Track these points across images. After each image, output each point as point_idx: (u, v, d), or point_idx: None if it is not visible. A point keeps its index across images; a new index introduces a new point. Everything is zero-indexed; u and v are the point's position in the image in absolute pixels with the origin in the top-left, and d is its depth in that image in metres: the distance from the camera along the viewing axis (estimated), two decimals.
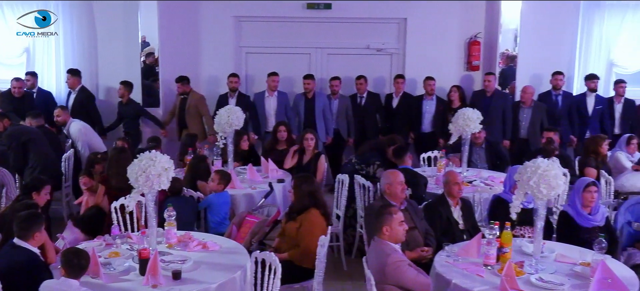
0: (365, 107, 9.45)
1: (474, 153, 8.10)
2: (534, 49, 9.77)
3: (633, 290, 4.18)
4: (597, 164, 7.60)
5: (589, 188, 5.41)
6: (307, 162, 7.59)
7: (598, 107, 9.15)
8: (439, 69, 9.83)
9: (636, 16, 9.81)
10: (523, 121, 9.01)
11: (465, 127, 6.99)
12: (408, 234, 5.13)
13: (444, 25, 9.93)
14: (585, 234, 5.38)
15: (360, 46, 10.15)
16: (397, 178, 5.25)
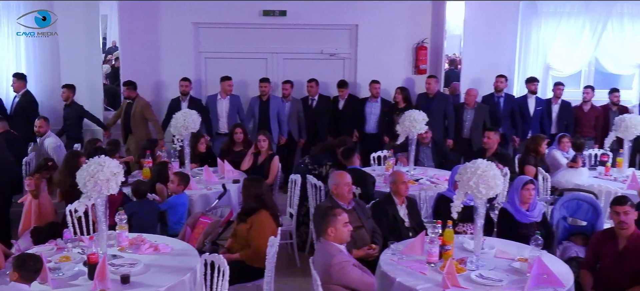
0: (317, 109, 9.38)
1: (421, 153, 8.09)
2: (477, 52, 9.82)
3: (567, 284, 4.15)
4: (536, 162, 7.64)
5: (526, 186, 5.41)
6: (261, 163, 7.47)
7: (538, 108, 9.24)
8: (388, 72, 9.85)
9: (570, 22, 9.93)
10: (466, 121, 9.04)
11: (412, 128, 6.95)
12: (355, 233, 5.06)
13: (393, 31, 9.90)
14: (523, 229, 5.38)
15: (314, 51, 10.06)
16: (343, 180, 5.16)
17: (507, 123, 9.18)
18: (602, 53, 10.11)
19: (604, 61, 10.19)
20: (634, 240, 4.50)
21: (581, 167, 7.35)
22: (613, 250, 4.57)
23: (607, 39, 9.97)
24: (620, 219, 4.50)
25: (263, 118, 9.02)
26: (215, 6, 9.63)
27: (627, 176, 7.17)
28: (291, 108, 9.24)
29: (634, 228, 4.53)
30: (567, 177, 7.27)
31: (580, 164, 7.36)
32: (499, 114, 9.16)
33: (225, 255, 5.09)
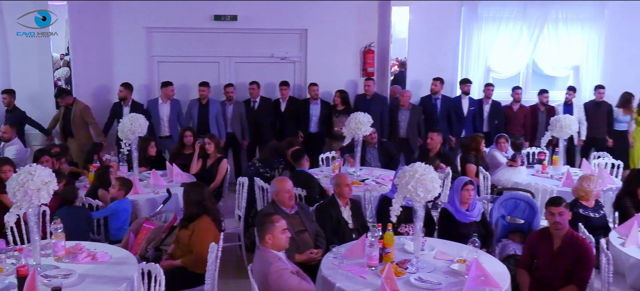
0: (259, 111, 9.06)
1: (368, 153, 7.88)
2: (422, 55, 9.67)
3: (504, 285, 3.95)
4: (476, 161, 7.50)
5: (466, 186, 5.24)
6: (209, 166, 7.12)
7: (471, 108, 9.16)
8: (337, 75, 9.61)
9: (509, 26, 9.83)
10: (402, 122, 8.91)
11: (357, 130, 6.71)
12: (298, 237, 4.80)
13: (341, 35, 9.62)
14: (463, 229, 5.21)
15: (265, 55, 9.71)
16: (284, 187, 4.86)
17: (443, 123, 9.04)
18: (539, 55, 10.04)
19: (541, 63, 10.12)
20: (567, 239, 4.34)
21: (520, 166, 7.23)
22: (548, 250, 4.40)
23: (543, 42, 9.91)
24: (555, 220, 4.34)
25: (202, 121, 8.68)
26: (167, 11, 9.20)
27: (562, 174, 7.06)
28: (234, 110, 8.92)
29: (567, 228, 4.37)
30: (506, 176, 7.14)
31: (519, 163, 7.24)
32: (437, 115, 9.06)
33: (168, 261, 4.79)
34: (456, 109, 9.16)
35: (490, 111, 9.20)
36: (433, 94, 9.13)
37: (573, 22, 9.89)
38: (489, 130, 9.09)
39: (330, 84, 9.38)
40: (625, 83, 9.60)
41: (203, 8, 9.27)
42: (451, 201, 5.31)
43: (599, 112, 9.26)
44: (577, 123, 7.22)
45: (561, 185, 6.68)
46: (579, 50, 9.99)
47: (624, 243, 4.82)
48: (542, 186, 6.45)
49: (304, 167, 6.40)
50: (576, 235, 4.37)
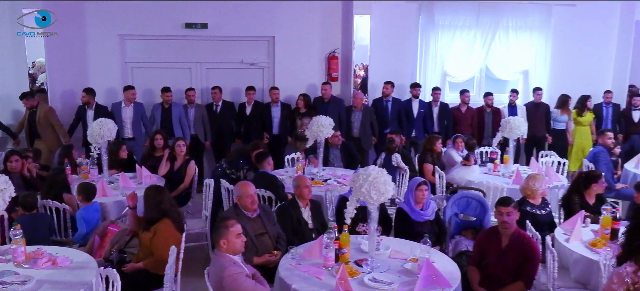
0: (221, 114, 8.81)
1: (331, 154, 7.68)
2: (383, 61, 9.49)
3: (454, 284, 3.79)
4: (433, 160, 7.36)
5: (420, 187, 5.07)
6: (178, 168, 6.84)
7: (421, 110, 9.04)
8: (304, 80, 9.42)
9: (464, 34, 9.71)
10: (355, 122, 8.77)
11: (319, 132, 6.50)
12: (258, 240, 4.59)
13: (307, 42, 9.41)
14: (418, 227, 5.04)
15: (235, 61, 9.46)
16: (246, 191, 4.61)
17: (394, 124, 8.90)
18: (491, 61, 9.96)
19: (493, 68, 10.04)
20: (515, 238, 4.20)
21: (473, 165, 7.11)
22: (497, 248, 4.26)
23: (495, 49, 9.82)
24: (503, 219, 4.20)
25: (165, 124, 8.39)
26: (140, 19, 8.89)
27: (512, 172, 6.96)
28: (196, 113, 8.64)
29: (515, 227, 4.22)
30: (461, 174, 7.02)
31: (473, 162, 7.13)
32: (387, 116, 8.92)
33: (131, 263, 4.53)
34: (407, 111, 9.05)
35: (439, 113, 9.11)
36: (384, 97, 9.00)
37: (522, 29, 9.82)
38: (439, 130, 9.03)
39: (298, 88, 9.16)
40: (570, 86, 9.61)
41: (175, 16, 8.98)
42: (406, 201, 5.14)
43: (538, 112, 9.26)
44: (526, 124, 7.11)
45: (511, 183, 6.57)
46: (527, 55, 9.94)
47: (569, 239, 4.71)
48: (493, 184, 6.35)
49: (266, 169, 6.17)
50: (523, 234, 4.24)
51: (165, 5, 8.88)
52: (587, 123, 9.18)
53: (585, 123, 9.17)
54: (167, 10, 8.92)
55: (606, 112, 9.37)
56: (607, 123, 9.31)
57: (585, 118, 9.16)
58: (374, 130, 8.80)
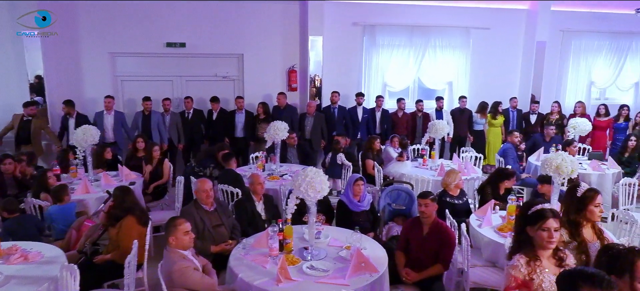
0: (192, 121, 8.32)
1: (289, 153, 7.31)
2: (334, 74, 9.15)
3: (381, 268, 3.48)
4: (373, 157, 7.07)
5: (357, 182, 4.76)
6: (155, 167, 6.37)
7: (365, 116, 8.72)
8: (268, 90, 8.98)
9: (399, 51, 9.44)
10: (307, 126, 8.40)
11: (275, 135, 6.13)
12: (215, 231, 4.21)
13: (271, 58, 9.00)
14: (355, 217, 4.74)
15: (210, 74, 8.97)
16: (202, 187, 4.21)
17: (340, 127, 8.57)
18: (423, 73, 9.72)
19: (424, 79, 9.80)
20: (434, 226, 3.91)
21: (406, 161, 6.84)
22: (419, 235, 3.96)
23: (425, 63, 9.59)
24: (422, 210, 3.91)
25: (145, 129, 7.87)
26: (127, 39, 8.34)
27: (438, 166, 6.72)
28: (171, 120, 8.13)
29: (434, 217, 3.94)
30: (395, 168, 6.74)
31: (405, 158, 6.86)
32: (334, 121, 8.59)
33: (101, 255, 4.09)
34: (352, 116, 8.73)
35: (381, 117, 8.81)
36: (332, 104, 8.64)
37: (447, 48, 9.61)
38: (381, 132, 8.74)
39: (263, 97, 8.76)
40: (486, 94, 9.47)
41: (157, 37, 8.46)
42: (346, 194, 4.82)
43: (462, 116, 9.10)
44: (448, 126, 6.87)
45: (436, 175, 6.32)
46: (451, 69, 9.74)
47: (481, 225, 4.47)
48: (421, 177, 6.10)
49: (231, 167, 5.76)
50: (441, 223, 3.95)
51: (149, 27, 8.37)
52: (499, 125, 9.08)
53: (497, 125, 9.06)
54: (150, 32, 8.40)
55: (512, 116, 9.28)
56: (513, 125, 9.22)
57: (498, 121, 9.05)
58: (323, 134, 8.44)
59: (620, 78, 10.64)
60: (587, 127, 7.26)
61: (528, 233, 2.51)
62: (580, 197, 3.02)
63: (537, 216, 2.49)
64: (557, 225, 2.47)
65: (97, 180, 5.90)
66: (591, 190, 3.08)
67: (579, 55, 10.26)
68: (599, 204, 3.04)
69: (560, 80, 10.32)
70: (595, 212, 3.03)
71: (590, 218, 3.04)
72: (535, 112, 9.25)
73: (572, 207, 3.01)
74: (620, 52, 10.41)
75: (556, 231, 2.47)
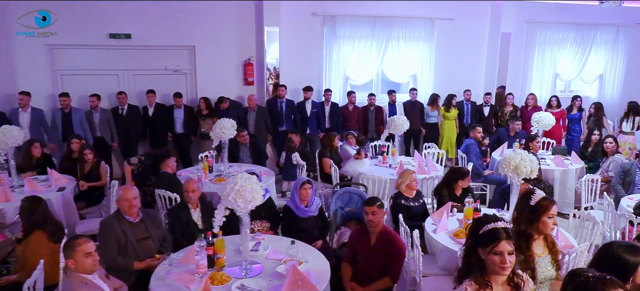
0: (127, 117, 7.79)
1: (241, 151, 6.92)
2: (292, 68, 8.74)
3: (322, 284, 3.13)
4: (331, 155, 6.72)
5: (304, 186, 4.39)
6: (90, 169, 5.85)
7: (314, 110, 8.38)
8: (223, 84, 8.51)
9: (361, 43, 9.10)
10: (250, 121, 8.04)
11: (222, 134, 5.69)
12: (140, 245, 3.75)
13: (225, 50, 8.52)
14: (302, 223, 4.38)
15: (159, 67, 8.43)
16: (124, 195, 3.75)
17: (289, 122, 8.20)
18: (386, 66, 9.42)
19: (388, 72, 9.51)
20: (382, 236, 3.59)
21: (364, 158, 6.52)
22: (366, 245, 3.64)
23: (389, 56, 9.29)
24: (369, 218, 3.58)
25: (65, 128, 7.29)
26: (65, 30, 7.71)
27: (397, 163, 6.42)
28: (101, 117, 7.58)
29: (382, 225, 3.62)
30: (353, 167, 6.39)
31: (363, 156, 6.53)
32: (282, 115, 8.20)
33: (7, 276, 3.60)
34: (301, 110, 8.37)
35: (330, 111, 8.48)
36: (278, 98, 8.23)
37: (411, 39, 9.33)
38: (330, 126, 8.44)
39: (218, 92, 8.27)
40: (451, 86, 9.27)
41: (99, 27, 7.86)
42: (292, 198, 4.45)
43: (414, 109, 8.89)
44: (408, 122, 6.56)
45: (395, 174, 6.00)
46: (416, 61, 9.47)
47: (436, 230, 4.17)
48: (379, 177, 5.75)
49: (167, 170, 5.30)
50: (389, 232, 3.64)
51: (90, 17, 7.76)
52: (453, 117, 8.94)
53: (451, 117, 8.92)
54: (92, 22, 7.80)
55: (466, 108, 9.13)
56: (467, 118, 9.08)
57: (451, 113, 8.90)
58: (267, 128, 8.08)
59: (585, 71, 10.61)
60: (551, 121, 7.10)
61: (479, 255, 2.18)
62: (533, 206, 2.72)
63: (488, 237, 2.12)
64: (511, 248, 2.11)
65: (21, 185, 5.36)
66: (546, 200, 2.77)
67: (544, 47, 10.16)
68: (553, 215, 2.75)
69: (526, 72, 10.20)
70: (548, 223, 2.73)
71: (542, 231, 2.74)
72: (488, 104, 9.13)
73: (524, 216, 2.71)
74: (584, 44, 10.36)
75: (511, 255, 2.11)
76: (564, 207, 6.63)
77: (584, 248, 3.60)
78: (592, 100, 10.21)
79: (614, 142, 6.59)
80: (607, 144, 6.63)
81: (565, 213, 6.63)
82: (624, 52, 10.66)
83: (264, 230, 4.37)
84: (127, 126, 7.77)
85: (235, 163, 6.51)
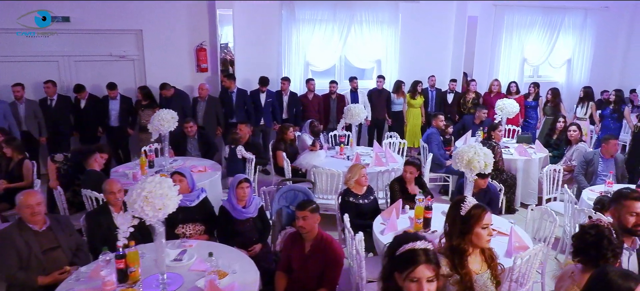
0: (56, 109, 7.23)
1: (189, 144, 6.49)
2: (248, 53, 8.31)
3: None
4: (286, 148, 6.36)
5: (241, 184, 4.01)
6: (12, 168, 5.34)
7: (268, 100, 7.93)
8: (175, 72, 8.03)
9: (322, 28, 8.70)
10: (200, 112, 7.57)
11: (161, 126, 5.26)
12: (45, 257, 3.32)
13: (175, 35, 8.02)
14: (239, 226, 4.01)
15: (104, 53, 7.88)
16: (24, 201, 3.27)
17: (240, 113, 7.72)
18: (349, 51, 9.06)
19: (351, 58, 9.15)
20: (317, 242, 3.26)
21: (319, 150, 6.18)
22: (300, 253, 3.31)
23: (352, 40, 8.93)
24: (299, 224, 3.25)
25: None
26: None
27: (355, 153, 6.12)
28: (26, 109, 7.00)
29: (316, 231, 3.29)
30: (307, 159, 6.06)
31: (318, 147, 6.18)
32: (233, 106, 7.72)
33: None
34: (254, 100, 7.89)
35: (288, 101, 8.08)
36: (228, 89, 7.72)
37: (374, 23, 8.97)
38: (288, 117, 8.04)
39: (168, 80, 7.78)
40: (417, 72, 8.99)
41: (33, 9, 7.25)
42: (229, 199, 4.08)
43: (380, 97, 8.58)
44: (365, 112, 6.22)
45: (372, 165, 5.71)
46: (380, 46, 9.14)
47: (384, 231, 3.87)
48: (331, 171, 5.41)
49: (94, 167, 4.85)
50: (325, 238, 3.31)
51: None
52: (418, 105, 8.67)
53: (417, 105, 8.66)
54: (25, 3, 7.18)
55: (431, 95, 8.88)
56: (432, 106, 8.83)
57: (417, 101, 8.64)
58: (219, 121, 7.63)
59: (553, 55, 10.46)
60: (514, 109, 6.87)
61: (396, 281, 1.80)
62: (464, 217, 2.39)
63: (405, 259, 1.75)
64: (431, 274, 1.75)
65: None
66: (477, 208, 2.41)
67: (511, 31, 9.95)
68: (488, 225, 2.42)
69: (493, 57, 9.99)
70: (482, 235, 2.38)
71: (477, 244, 2.42)
72: (454, 90, 8.91)
73: (455, 229, 2.38)
74: (552, 28, 10.19)
75: (430, 283, 1.74)
76: (527, 198, 6.45)
77: (538, 249, 3.35)
78: (560, 85, 10.10)
79: (578, 130, 6.41)
80: (570, 132, 6.45)
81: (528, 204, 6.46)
82: (592, 36, 10.54)
83: (197, 234, 3.99)
84: (56, 119, 7.20)
85: (180, 157, 6.09)
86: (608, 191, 4.82)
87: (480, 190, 4.63)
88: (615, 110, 8.04)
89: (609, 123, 8.06)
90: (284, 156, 5.96)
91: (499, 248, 3.30)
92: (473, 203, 2.46)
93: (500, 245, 3.49)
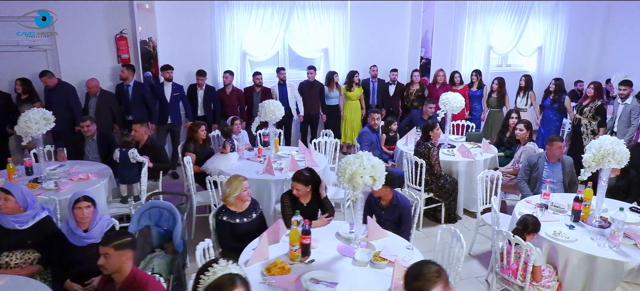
0: None
1: (87, 145, 5.84)
2: (176, 41, 7.59)
3: None
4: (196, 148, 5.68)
5: (78, 204, 3.32)
6: None
7: (175, 94, 7.11)
8: (93, 62, 7.33)
9: (260, 12, 7.96)
10: (91, 108, 6.72)
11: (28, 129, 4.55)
12: None
13: (91, 23, 7.28)
14: (79, 254, 3.31)
15: (11, 43, 7.13)
16: None
17: (141, 108, 6.90)
18: (292, 39, 8.35)
19: (295, 46, 8.45)
20: (128, 285, 2.59)
21: (230, 153, 5.49)
22: None
23: (295, 27, 8.22)
24: (99, 263, 2.57)
25: None
26: None
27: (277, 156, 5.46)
28: None
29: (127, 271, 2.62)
30: (215, 163, 5.38)
31: (229, 150, 5.50)
32: (129, 101, 6.89)
33: None
34: (159, 95, 7.05)
35: (204, 96, 7.32)
36: (125, 81, 6.89)
37: (320, 8, 8.27)
38: (205, 113, 7.30)
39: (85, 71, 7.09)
40: (368, 62, 8.32)
41: None
42: (67, 221, 3.39)
43: (312, 90, 7.86)
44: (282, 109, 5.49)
45: (261, 172, 5.03)
46: (327, 34, 8.42)
47: (249, 260, 3.20)
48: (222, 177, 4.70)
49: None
50: (140, 279, 2.62)
51: None
52: (356, 97, 8.01)
53: (354, 97, 7.99)
54: None
55: (372, 86, 8.20)
56: (374, 97, 8.15)
57: (354, 93, 7.97)
58: (115, 118, 6.89)
59: (522, 43, 9.78)
60: (459, 104, 6.18)
61: None
62: None
63: None
64: None
65: None
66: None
67: (475, 17, 9.23)
68: None
69: (456, 45, 9.27)
70: None
71: None
72: (395, 81, 8.23)
73: None
74: (521, 13, 9.49)
75: None
76: (471, 205, 5.79)
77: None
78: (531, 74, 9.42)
79: (525, 129, 5.74)
80: (517, 131, 5.78)
81: (472, 211, 5.81)
82: (564, 22, 9.87)
83: (26, 264, 3.31)
84: None
85: (73, 161, 5.40)
86: (543, 204, 4.17)
87: (389, 204, 3.96)
88: (555, 100, 7.37)
89: (550, 115, 7.43)
90: (189, 159, 5.26)
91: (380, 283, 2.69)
92: None
93: (383, 279, 2.86)
